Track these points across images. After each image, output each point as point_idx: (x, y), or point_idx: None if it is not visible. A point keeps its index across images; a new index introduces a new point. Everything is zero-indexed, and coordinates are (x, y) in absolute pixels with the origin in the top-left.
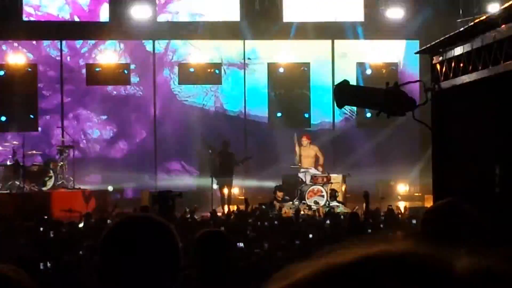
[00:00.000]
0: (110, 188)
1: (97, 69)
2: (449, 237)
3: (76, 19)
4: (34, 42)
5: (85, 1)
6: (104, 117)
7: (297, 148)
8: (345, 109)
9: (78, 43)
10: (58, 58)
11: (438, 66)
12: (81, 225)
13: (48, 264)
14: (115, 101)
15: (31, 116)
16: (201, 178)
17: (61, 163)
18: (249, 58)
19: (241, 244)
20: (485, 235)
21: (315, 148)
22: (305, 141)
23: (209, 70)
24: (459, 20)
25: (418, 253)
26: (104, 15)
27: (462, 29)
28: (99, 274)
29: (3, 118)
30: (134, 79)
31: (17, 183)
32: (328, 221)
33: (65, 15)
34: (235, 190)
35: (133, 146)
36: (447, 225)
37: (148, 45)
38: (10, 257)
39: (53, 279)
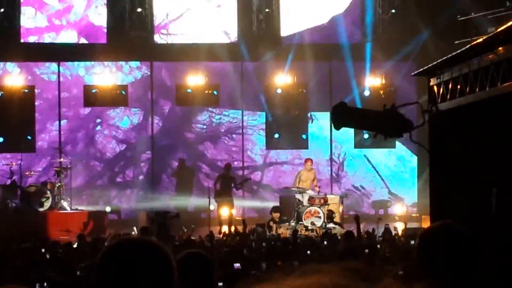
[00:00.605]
0: (108, 208)
1: (94, 91)
2: (445, 260)
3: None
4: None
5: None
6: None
7: (298, 175)
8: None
9: (75, 64)
10: (56, 79)
11: (435, 88)
12: (75, 245)
13: (45, 285)
14: None
15: (29, 137)
16: (198, 199)
17: (59, 184)
18: None
19: (238, 265)
20: (481, 257)
21: (314, 171)
22: (308, 165)
23: (206, 91)
24: (456, 42)
25: None
26: (101, 36)
27: (459, 51)
28: None
29: (0, 139)
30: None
31: (14, 203)
32: (325, 242)
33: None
34: (233, 211)
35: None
36: (443, 248)
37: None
38: (6, 278)
39: None
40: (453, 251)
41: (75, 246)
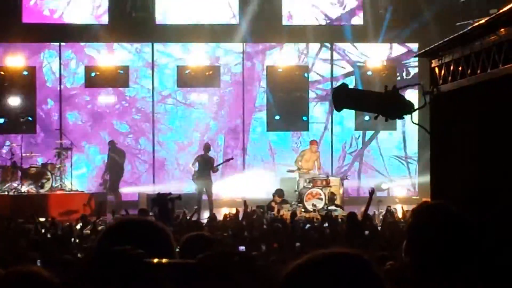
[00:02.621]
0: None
1: (92, 74)
2: (435, 240)
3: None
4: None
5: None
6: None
7: (301, 154)
8: None
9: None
10: (57, 60)
11: (436, 70)
12: (78, 226)
13: (46, 265)
14: None
15: (29, 118)
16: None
17: (59, 165)
18: None
19: (243, 248)
20: (473, 238)
21: (318, 153)
22: (314, 148)
23: (207, 73)
24: (458, 24)
25: None
26: (103, 17)
27: (461, 32)
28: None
29: (1, 120)
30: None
31: (15, 184)
32: (326, 224)
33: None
34: (233, 194)
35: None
36: (433, 228)
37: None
38: (8, 257)
39: None
40: (445, 232)
41: (78, 226)
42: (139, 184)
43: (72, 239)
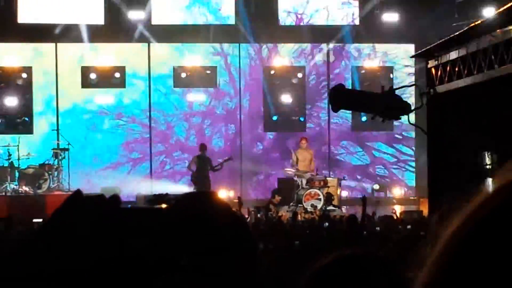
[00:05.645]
0: (117, 190)
1: (91, 74)
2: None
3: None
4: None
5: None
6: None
7: (294, 153)
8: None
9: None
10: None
11: (433, 70)
12: None
13: None
14: None
15: (26, 119)
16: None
17: (56, 165)
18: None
19: None
20: None
21: (311, 151)
22: (304, 144)
23: (204, 73)
24: (454, 24)
25: None
26: (99, 18)
27: (457, 33)
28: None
29: None
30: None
31: (12, 185)
32: (326, 224)
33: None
34: (231, 194)
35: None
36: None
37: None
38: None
39: None
40: None
41: None
42: None
43: None
